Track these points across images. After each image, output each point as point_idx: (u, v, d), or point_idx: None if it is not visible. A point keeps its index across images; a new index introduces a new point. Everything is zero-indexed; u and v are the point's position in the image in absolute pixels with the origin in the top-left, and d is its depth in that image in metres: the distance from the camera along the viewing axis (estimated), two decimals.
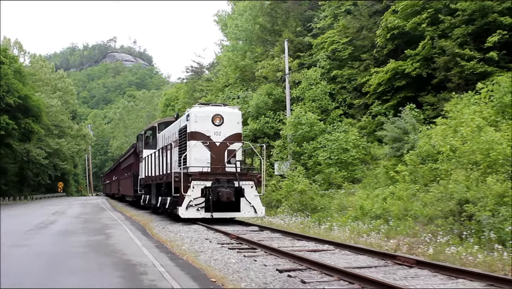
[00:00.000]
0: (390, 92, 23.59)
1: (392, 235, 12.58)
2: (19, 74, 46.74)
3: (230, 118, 16.45)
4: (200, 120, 16.02)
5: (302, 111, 24.38)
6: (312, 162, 22.89)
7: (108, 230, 15.28)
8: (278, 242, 11.16)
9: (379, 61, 25.25)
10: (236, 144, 16.39)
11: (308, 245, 10.50)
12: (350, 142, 21.26)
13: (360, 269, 7.59)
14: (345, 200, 17.97)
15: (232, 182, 15.54)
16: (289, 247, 10.04)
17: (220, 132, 16.12)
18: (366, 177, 20.30)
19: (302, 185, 19.61)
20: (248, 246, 10.38)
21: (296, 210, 19.56)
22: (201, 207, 15.25)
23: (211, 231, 13.52)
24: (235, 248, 10.20)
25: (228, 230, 13.08)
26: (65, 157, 65.52)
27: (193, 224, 14.94)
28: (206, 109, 16.48)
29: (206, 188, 15.25)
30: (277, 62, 29.12)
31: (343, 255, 9.18)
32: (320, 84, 25.69)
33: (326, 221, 16.81)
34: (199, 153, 15.75)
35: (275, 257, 8.92)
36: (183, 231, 13.45)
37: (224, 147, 16.09)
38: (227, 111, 16.74)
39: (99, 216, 22.80)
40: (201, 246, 10.61)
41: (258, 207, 16.00)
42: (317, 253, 9.38)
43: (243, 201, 15.75)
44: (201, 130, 15.97)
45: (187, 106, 47.08)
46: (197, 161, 15.72)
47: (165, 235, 13.03)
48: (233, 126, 16.44)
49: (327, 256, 9.04)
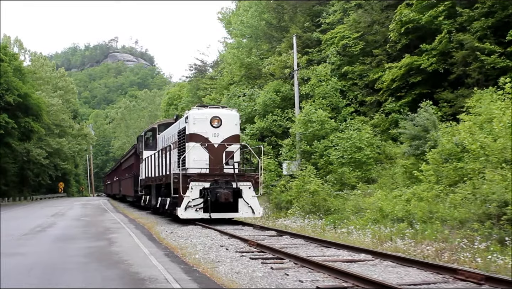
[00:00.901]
0: (405, 89, 22.59)
1: (419, 239, 11.60)
2: (19, 72, 45.78)
3: (228, 120, 16.74)
4: (199, 122, 16.33)
5: (312, 109, 23.39)
6: (324, 161, 21.90)
7: (111, 234, 14.21)
8: (305, 249, 10.13)
9: (392, 56, 24.26)
10: (234, 145, 16.66)
11: (341, 254, 9.47)
12: (364, 140, 20.23)
13: (417, 286, 6.51)
14: (361, 201, 16.99)
15: (230, 183, 15.86)
16: (320, 257, 9.00)
17: (218, 134, 16.45)
18: (381, 176, 19.30)
19: (315, 185, 18.63)
20: (272, 255, 9.32)
21: (308, 212, 18.59)
22: (200, 208, 15.51)
23: (225, 236, 12.51)
24: (257, 257, 9.11)
25: (243, 235, 12.14)
26: (66, 156, 64.47)
27: (204, 228, 14.00)
28: (205, 112, 16.74)
29: (205, 189, 15.54)
30: (285, 58, 28.13)
31: (388, 268, 8.06)
32: (330, 80, 24.66)
33: (342, 224, 15.85)
34: (198, 154, 16.08)
35: (309, 270, 7.78)
36: (194, 236, 12.46)
37: (222, 148, 16.40)
38: (225, 113, 17.04)
39: (101, 218, 21.67)
40: (217, 254, 9.54)
41: (256, 208, 16.33)
42: (355, 264, 8.30)
43: (241, 202, 16.02)
44: (200, 132, 16.27)
45: (191, 105, 46.21)
46: (196, 162, 16.02)
47: (174, 240, 11.95)
48: (231, 128, 16.75)
49: (368, 268, 7.99)
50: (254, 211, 16.27)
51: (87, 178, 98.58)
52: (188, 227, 14.65)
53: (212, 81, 42.84)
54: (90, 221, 19.82)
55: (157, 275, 7.66)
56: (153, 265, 8.58)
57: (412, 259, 8.43)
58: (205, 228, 14.07)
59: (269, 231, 13.66)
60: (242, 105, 29.85)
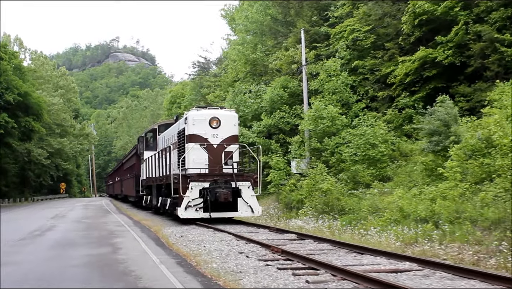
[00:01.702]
0: (419, 83, 21.68)
1: (448, 242, 10.70)
2: (19, 71, 44.87)
3: (227, 121, 16.94)
4: (198, 123, 16.56)
5: (322, 105, 22.47)
6: (335, 159, 20.98)
7: (115, 238, 13.08)
8: (336, 256, 9.09)
9: (404, 50, 23.35)
10: (233, 146, 16.83)
11: (380, 262, 8.38)
12: (378, 137, 19.30)
13: None
14: (378, 200, 16.09)
15: (229, 183, 16.06)
16: (358, 266, 7.96)
17: (217, 134, 16.65)
18: (397, 174, 18.38)
19: (328, 184, 17.73)
20: (302, 265, 8.20)
21: (321, 212, 17.70)
22: (200, 208, 15.69)
23: (242, 241, 11.47)
24: (286, 267, 7.99)
25: (261, 239, 11.19)
26: (67, 157, 63.56)
27: (216, 232, 13.03)
28: (204, 112, 16.96)
29: (204, 188, 15.73)
30: (293, 53, 27.20)
31: (444, 280, 6.92)
32: (341, 75, 23.72)
33: (360, 225, 14.95)
34: (197, 154, 16.28)
35: (353, 284, 6.69)
36: (207, 241, 11.42)
37: (221, 149, 16.60)
38: (224, 114, 17.24)
39: (104, 220, 20.63)
40: (237, 263, 8.44)
41: (255, 207, 16.46)
42: (402, 275, 7.23)
43: (240, 201, 16.20)
44: (199, 132, 16.49)
45: (194, 103, 45.46)
46: (195, 163, 16.19)
47: (185, 246, 10.85)
48: (229, 129, 16.93)
49: (421, 280, 6.88)
50: (254, 210, 16.41)
51: (89, 178, 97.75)
52: (198, 230, 13.69)
53: (216, 79, 41.92)
54: (92, 223, 18.82)
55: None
56: (165, 277, 7.52)
57: (469, 268, 7.36)
58: (218, 231, 13.09)
59: (287, 234, 12.66)
60: (248, 102, 28.94)
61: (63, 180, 67.31)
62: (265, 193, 26.21)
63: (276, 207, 21.96)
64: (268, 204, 23.12)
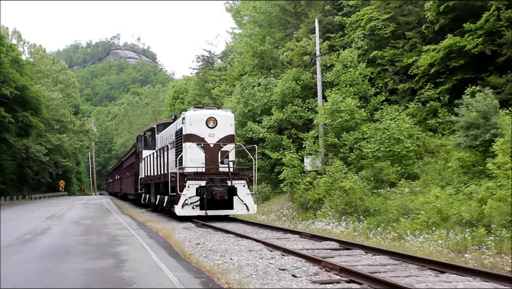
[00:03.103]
0: (444, 74, 20.10)
1: (507, 250, 9.14)
2: (16, 64, 43.17)
3: (223, 121, 17.41)
4: (195, 123, 17.01)
5: (340, 97, 20.88)
6: (355, 155, 19.39)
7: (118, 246, 11.11)
8: (414, 277, 7.17)
9: (427, 39, 21.76)
10: (229, 145, 17.33)
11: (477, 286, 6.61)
12: (403, 131, 17.70)
13: None
14: (408, 200, 14.52)
15: (225, 181, 16.45)
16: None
17: (214, 134, 17.13)
18: (426, 172, 16.79)
19: (350, 182, 16.14)
20: None
21: (343, 213, 16.12)
22: (196, 205, 16.16)
23: (277, 251, 9.56)
24: None
25: (297, 249, 9.50)
26: (67, 153, 61.84)
27: (240, 239, 11.19)
28: (200, 113, 17.48)
29: (201, 187, 16.16)
30: (305, 43, 25.58)
31: None
32: (359, 66, 22.10)
33: (390, 228, 13.39)
34: (194, 154, 16.74)
35: None
36: (232, 251, 9.46)
37: (218, 148, 17.06)
38: (220, 114, 17.69)
39: (104, 221, 18.75)
40: (285, 285, 6.55)
41: (250, 205, 16.84)
42: None
43: (236, 199, 16.58)
44: (196, 132, 16.95)
45: (198, 98, 43.95)
46: (192, 162, 16.65)
47: (205, 257, 8.94)
48: (226, 129, 17.40)
49: None
50: (249, 208, 16.74)
51: (89, 176, 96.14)
52: (217, 236, 11.82)
53: (221, 73, 40.34)
54: (92, 225, 16.88)
55: None
56: None
57: None
58: (241, 238, 11.26)
59: (326, 241, 10.88)
60: (258, 95, 27.36)
61: (62, 178, 65.62)
62: (276, 191, 24.67)
63: (290, 207, 20.38)
64: (281, 203, 21.56)
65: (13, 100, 40.58)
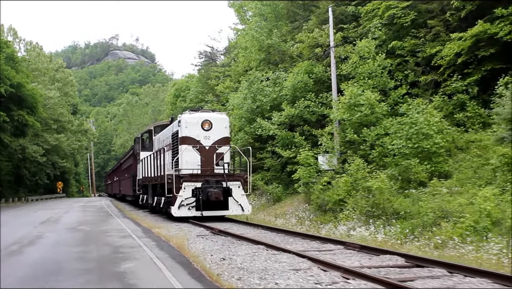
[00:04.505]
0: (472, 65, 18.51)
1: None
2: (11, 61, 41.41)
3: (218, 124, 17.70)
4: (191, 126, 17.34)
5: (358, 90, 19.29)
6: (377, 152, 17.79)
7: (123, 262, 8.93)
8: None
9: (451, 28, 20.19)
10: (224, 147, 17.66)
11: None
12: (432, 126, 16.08)
13: None
14: (444, 201, 12.95)
15: (221, 183, 16.78)
16: None
17: (209, 136, 17.43)
18: (460, 170, 15.19)
19: (378, 181, 14.55)
20: None
21: (370, 216, 14.53)
22: (192, 206, 16.53)
23: (333, 270, 7.43)
24: None
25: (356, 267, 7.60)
26: (65, 154, 59.87)
27: (275, 251, 9.09)
28: (196, 116, 17.73)
29: (197, 188, 16.48)
30: (317, 34, 23.99)
31: None
32: (378, 57, 20.48)
33: (428, 233, 11.81)
34: (190, 156, 17.07)
35: None
36: (275, 271, 7.33)
37: (213, 150, 17.42)
38: (215, 117, 17.99)
39: (105, 226, 16.65)
40: None
41: (245, 205, 17.13)
42: None
43: (231, 200, 16.86)
44: (192, 135, 17.27)
45: (201, 95, 42.34)
46: (188, 164, 16.97)
47: (240, 281, 6.86)
48: (221, 131, 17.70)
49: None
50: (244, 208, 17.03)
51: (88, 177, 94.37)
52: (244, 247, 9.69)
53: (225, 68, 38.74)
54: (90, 232, 14.76)
55: None
56: None
57: None
58: (278, 251, 9.06)
59: (385, 255, 8.80)
60: (266, 90, 25.77)
61: (60, 179, 63.70)
62: (288, 192, 23.10)
63: (306, 209, 18.77)
64: (295, 205, 19.95)
65: (8, 99, 38.93)
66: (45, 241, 12.76)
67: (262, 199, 23.68)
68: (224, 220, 17.55)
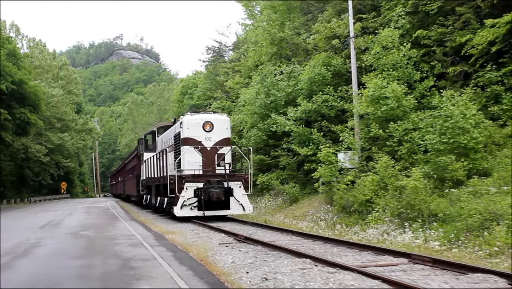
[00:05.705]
0: (508, 54, 17.05)
1: None
2: (13, 57, 40.10)
3: (220, 125, 18.00)
4: (192, 127, 17.64)
5: (383, 82, 17.86)
6: (405, 149, 16.34)
7: (136, 283, 7.18)
8: None
9: (481, 15, 18.73)
10: (225, 148, 17.86)
11: None
12: (469, 119, 14.61)
13: None
14: (489, 202, 11.51)
15: (222, 183, 17.08)
16: None
17: (211, 137, 17.68)
18: (502, 168, 13.73)
19: (414, 180, 13.11)
20: None
21: (404, 218, 13.09)
22: (194, 206, 16.83)
23: None
24: None
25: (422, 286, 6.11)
26: (69, 153, 58.63)
27: (331, 268, 7.23)
28: (197, 117, 17.99)
29: (198, 188, 16.79)
30: (335, 24, 22.56)
31: None
32: (403, 47, 19.02)
33: (478, 239, 10.37)
34: (192, 157, 17.33)
35: None
36: None
37: (214, 151, 17.65)
38: (216, 118, 18.25)
39: (111, 232, 14.88)
40: None
41: (246, 205, 17.39)
42: None
43: (232, 200, 17.19)
44: (193, 136, 17.55)
45: (209, 92, 40.93)
46: (190, 164, 17.26)
47: None
48: (222, 132, 17.98)
49: None
50: (245, 208, 17.29)
51: (92, 177, 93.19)
52: (288, 262, 7.80)
53: (234, 64, 37.35)
54: (94, 239, 13.13)
55: None
56: None
57: None
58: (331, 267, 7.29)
59: (475, 274, 6.97)
60: (281, 84, 24.35)
61: (64, 179, 62.48)
62: (305, 192, 21.69)
63: (328, 210, 17.33)
64: (316, 206, 18.51)
65: (10, 96, 37.63)
66: (42, 251, 11.15)
67: (278, 200, 22.24)
68: (239, 222, 17.27)
